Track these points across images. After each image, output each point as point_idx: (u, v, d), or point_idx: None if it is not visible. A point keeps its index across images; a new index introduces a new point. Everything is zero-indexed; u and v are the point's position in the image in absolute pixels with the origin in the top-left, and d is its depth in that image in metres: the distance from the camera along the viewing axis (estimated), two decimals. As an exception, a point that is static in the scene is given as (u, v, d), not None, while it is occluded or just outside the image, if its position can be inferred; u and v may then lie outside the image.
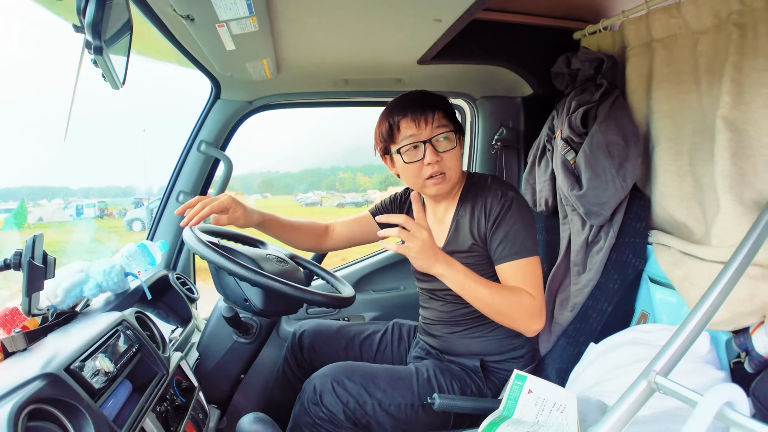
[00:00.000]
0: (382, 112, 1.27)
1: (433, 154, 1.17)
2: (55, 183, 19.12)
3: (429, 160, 1.17)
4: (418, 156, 1.19)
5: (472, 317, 1.29)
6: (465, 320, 1.31)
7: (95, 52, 0.64)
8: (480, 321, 1.29)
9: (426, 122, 1.18)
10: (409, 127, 1.18)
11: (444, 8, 1.13)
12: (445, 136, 1.19)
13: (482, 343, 1.30)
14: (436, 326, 1.37)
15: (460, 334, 1.32)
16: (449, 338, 1.33)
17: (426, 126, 1.18)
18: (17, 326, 0.94)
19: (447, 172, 1.19)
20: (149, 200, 7.54)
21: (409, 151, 1.20)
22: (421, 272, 1.36)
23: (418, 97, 1.22)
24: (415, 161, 1.19)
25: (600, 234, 1.41)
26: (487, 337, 1.30)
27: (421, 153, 1.18)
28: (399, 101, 1.23)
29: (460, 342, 1.32)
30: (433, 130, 1.18)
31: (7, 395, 0.65)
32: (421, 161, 1.18)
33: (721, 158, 1.09)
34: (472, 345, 1.31)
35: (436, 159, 1.17)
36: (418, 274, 1.39)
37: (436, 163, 1.17)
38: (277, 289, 1.09)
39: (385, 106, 1.27)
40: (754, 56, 1.07)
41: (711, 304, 0.71)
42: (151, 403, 0.90)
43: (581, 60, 1.49)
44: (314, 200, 17.30)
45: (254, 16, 1.03)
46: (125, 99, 23.57)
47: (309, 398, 1.17)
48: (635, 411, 0.68)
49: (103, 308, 1.19)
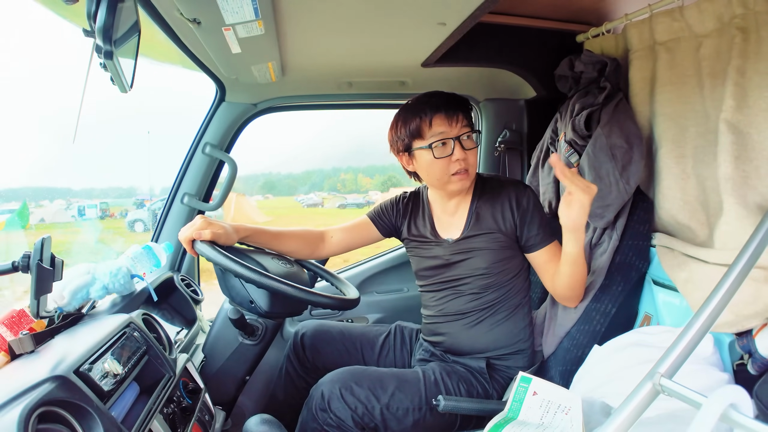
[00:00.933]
0: (405, 109, 1.30)
1: (461, 151, 1.24)
2: (56, 184, 19.08)
3: (458, 156, 1.23)
4: (447, 152, 1.24)
5: (477, 310, 1.32)
6: (470, 313, 1.33)
7: (106, 57, 0.65)
8: (485, 313, 1.32)
9: (456, 121, 1.24)
10: (442, 124, 1.24)
11: (448, 12, 1.13)
12: (468, 135, 1.26)
13: (489, 336, 1.33)
14: (442, 324, 1.38)
15: (466, 327, 1.34)
16: (455, 334, 1.35)
17: (456, 124, 1.24)
18: (24, 328, 0.94)
19: (470, 169, 1.27)
20: (151, 201, 7.54)
21: (438, 147, 1.24)
22: (429, 266, 1.39)
23: (449, 97, 1.28)
24: (444, 156, 1.24)
25: (603, 236, 1.41)
26: (493, 330, 1.32)
27: (450, 149, 1.24)
28: (428, 99, 1.27)
29: (465, 337, 1.34)
30: (461, 129, 1.25)
31: (18, 397, 0.65)
32: (449, 157, 1.24)
33: (724, 161, 1.10)
34: (478, 339, 1.33)
35: (463, 156, 1.24)
36: (426, 269, 1.40)
37: (463, 159, 1.24)
38: (283, 291, 1.09)
39: (406, 105, 1.31)
40: (757, 60, 1.08)
41: (715, 306, 0.71)
42: (159, 404, 0.91)
43: (584, 63, 1.50)
44: (316, 201, 17.29)
45: (260, 20, 1.03)
46: (127, 100, 23.48)
47: (317, 404, 1.18)
48: (640, 412, 0.68)
49: (110, 310, 1.20)
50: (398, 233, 1.49)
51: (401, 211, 1.47)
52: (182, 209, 1.68)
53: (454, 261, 1.35)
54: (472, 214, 1.34)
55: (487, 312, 1.33)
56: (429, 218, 1.42)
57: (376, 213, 1.50)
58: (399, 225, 1.47)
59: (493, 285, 1.32)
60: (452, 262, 1.35)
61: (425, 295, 1.44)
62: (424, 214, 1.43)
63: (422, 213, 1.44)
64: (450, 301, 1.36)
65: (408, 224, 1.45)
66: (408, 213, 1.46)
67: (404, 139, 1.29)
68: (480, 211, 1.33)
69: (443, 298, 1.38)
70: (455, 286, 1.35)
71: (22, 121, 22.69)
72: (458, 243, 1.34)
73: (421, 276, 1.44)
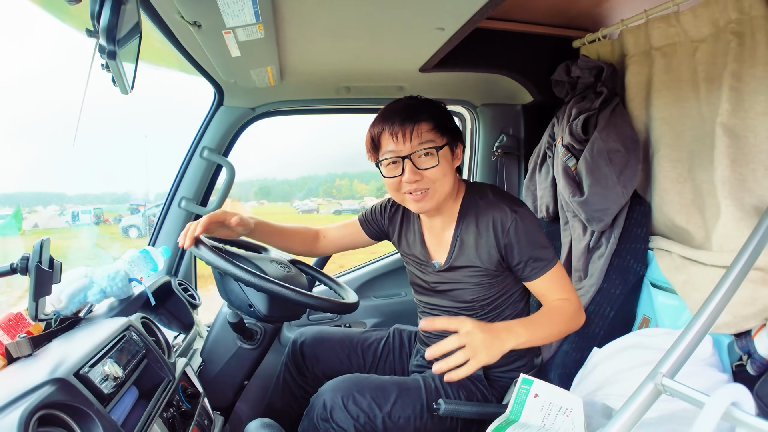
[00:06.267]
0: (373, 120, 1.21)
1: (412, 173, 1.09)
2: (50, 189, 18.86)
3: (407, 178, 1.09)
4: (397, 171, 1.11)
5: None
6: None
7: (109, 57, 0.65)
8: None
9: (405, 137, 1.09)
10: (388, 142, 1.11)
11: (447, 17, 1.14)
12: (427, 152, 1.09)
13: None
14: (435, 339, 1.35)
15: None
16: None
17: (405, 141, 1.09)
18: (21, 331, 0.93)
19: (431, 187, 1.11)
20: (146, 207, 7.48)
21: (388, 166, 1.14)
22: (419, 285, 1.35)
23: (402, 106, 1.14)
24: (394, 177, 1.12)
25: (601, 240, 1.42)
26: None
27: (401, 169, 1.10)
28: (384, 111, 1.16)
29: None
30: (414, 146, 1.09)
31: (17, 400, 0.65)
32: (400, 177, 1.11)
33: (720, 164, 1.11)
34: None
35: (415, 178, 1.09)
36: (417, 286, 1.37)
37: (415, 182, 1.10)
38: (283, 294, 1.09)
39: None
40: (752, 64, 1.09)
41: (714, 307, 0.72)
42: (159, 408, 0.90)
43: (581, 68, 1.51)
44: (311, 207, 17.23)
45: (261, 24, 1.04)
46: (123, 105, 23.28)
47: (318, 414, 1.15)
48: (643, 412, 0.68)
49: (107, 314, 1.19)
50: (388, 237, 1.43)
51: (390, 219, 1.40)
52: (179, 213, 1.67)
53: (439, 290, 1.28)
54: (456, 240, 1.21)
55: None
56: (419, 235, 1.32)
57: (365, 216, 1.44)
58: (388, 231, 1.41)
59: (485, 307, 1.24)
60: (438, 290, 1.28)
61: (419, 306, 1.41)
62: (414, 230, 1.33)
63: (412, 228, 1.34)
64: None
65: (398, 236, 1.38)
66: (398, 223, 1.38)
67: (368, 152, 1.21)
68: (464, 237, 1.19)
69: (435, 314, 1.33)
70: (444, 310, 1.29)
71: (15, 124, 22.19)
72: (443, 273, 1.25)
73: (414, 289, 1.41)
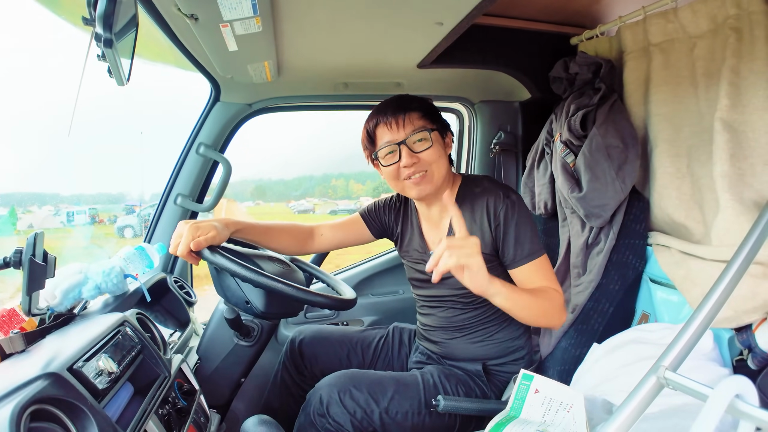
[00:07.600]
0: (366, 118, 1.27)
1: (408, 156, 1.17)
2: (45, 189, 18.81)
3: (405, 162, 1.17)
4: (395, 158, 1.19)
5: (472, 323, 1.29)
6: (465, 326, 1.30)
7: (105, 45, 0.63)
8: (480, 326, 1.28)
9: (398, 125, 1.18)
10: (384, 133, 1.20)
11: (446, 12, 1.14)
12: (420, 137, 1.18)
13: (483, 348, 1.29)
14: (435, 332, 1.35)
15: (460, 340, 1.31)
16: (449, 344, 1.32)
17: (399, 129, 1.18)
18: (15, 327, 0.92)
19: (428, 169, 1.19)
20: (141, 207, 7.45)
21: (386, 156, 1.21)
22: (417, 279, 1.36)
23: (392, 102, 1.23)
24: (392, 164, 1.20)
25: (600, 236, 1.42)
26: (486, 342, 1.29)
27: (398, 155, 1.18)
28: (377, 107, 1.24)
29: (460, 347, 1.31)
30: (408, 132, 1.18)
31: (9, 395, 0.63)
32: (398, 164, 1.19)
33: (719, 159, 1.11)
34: (473, 349, 1.30)
35: (412, 161, 1.17)
36: (416, 281, 1.38)
37: (412, 164, 1.17)
38: (281, 290, 1.07)
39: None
40: (750, 59, 1.09)
41: (714, 302, 0.71)
42: (154, 405, 0.88)
43: (579, 64, 1.51)
44: (307, 207, 17.23)
45: (258, 17, 1.03)
46: (119, 103, 23.17)
47: (315, 410, 1.15)
48: (645, 406, 0.68)
49: (102, 310, 1.17)
50: (390, 234, 1.45)
51: (393, 213, 1.42)
52: (175, 210, 1.66)
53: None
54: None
55: (479, 325, 1.28)
56: (417, 228, 1.36)
57: (368, 211, 1.46)
58: (391, 227, 1.43)
59: (482, 298, 1.20)
60: None
61: (418, 302, 1.41)
62: (412, 224, 1.37)
63: (410, 222, 1.38)
64: (441, 313, 1.33)
65: (399, 233, 1.41)
66: (399, 217, 1.41)
67: (365, 150, 1.28)
68: None
69: (434, 308, 1.34)
70: (443, 300, 1.31)
71: (9, 124, 22.12)
72: None
73: (412, 284, 1.41)
